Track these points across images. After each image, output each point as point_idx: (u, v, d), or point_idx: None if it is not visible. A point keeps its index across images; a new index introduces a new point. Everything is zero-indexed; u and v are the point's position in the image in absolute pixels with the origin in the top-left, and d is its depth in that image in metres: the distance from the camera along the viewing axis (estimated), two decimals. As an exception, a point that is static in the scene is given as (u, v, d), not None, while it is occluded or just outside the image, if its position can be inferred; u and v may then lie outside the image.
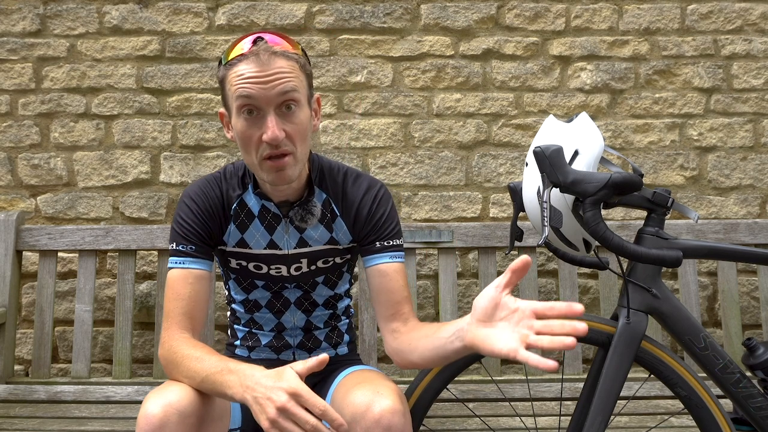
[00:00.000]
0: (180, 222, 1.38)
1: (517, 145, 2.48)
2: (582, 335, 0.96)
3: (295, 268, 1.46)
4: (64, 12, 2.48)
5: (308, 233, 1.44)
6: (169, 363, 1.27)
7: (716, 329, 2.44)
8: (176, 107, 2.47)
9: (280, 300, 1.49)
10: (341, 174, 1.45)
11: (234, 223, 1.43)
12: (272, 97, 1.25)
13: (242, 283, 1.49)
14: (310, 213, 1.41)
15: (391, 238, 1.42)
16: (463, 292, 2.47)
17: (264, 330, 1.51)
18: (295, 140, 1.29)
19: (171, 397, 1.16)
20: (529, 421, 1.87)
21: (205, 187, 1.42)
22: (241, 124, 1.28)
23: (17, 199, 2.47)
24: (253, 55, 1.26)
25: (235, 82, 1.26)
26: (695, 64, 2.50)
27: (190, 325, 1.33)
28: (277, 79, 1.25)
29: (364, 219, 1.42)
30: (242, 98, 1.25)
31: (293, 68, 1.28)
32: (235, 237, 1.43)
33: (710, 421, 1.31)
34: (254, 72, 1.25)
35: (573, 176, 1.20)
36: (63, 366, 2.44)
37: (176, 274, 1.36)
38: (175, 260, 1.37)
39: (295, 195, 1.41)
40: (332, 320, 1.54)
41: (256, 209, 1.43)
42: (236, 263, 1.46)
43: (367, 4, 2.49)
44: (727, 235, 2.17)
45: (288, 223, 1.43)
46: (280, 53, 1.27)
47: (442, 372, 1.37)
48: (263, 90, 1.24)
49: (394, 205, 1.46)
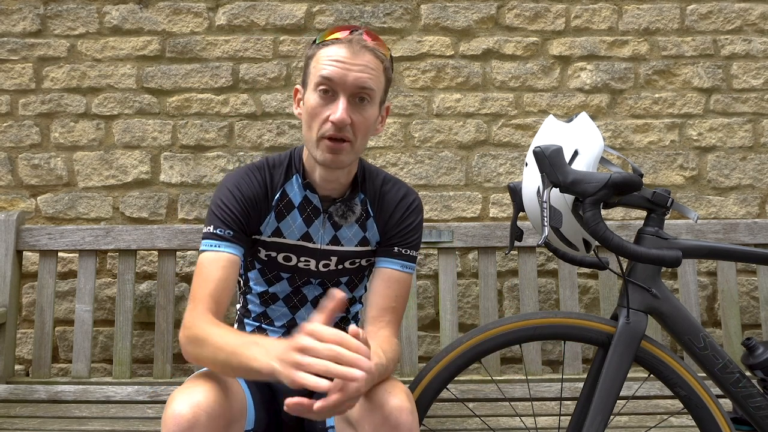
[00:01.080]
0: (221, 206, 1.39)
1: (517, 145, 2.48)
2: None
3: (324, 265, 1.48)
4: (64, 12, 2.48)
5: (343, 232, 1.46)
6: (194, 341, 1.25)
7: (716, 329, 2.45)
8: (176, 107, 2.47)
9: (299, 296, 1.50)
10: (380, 178, 1.50)
11: (274, 213, 1.44)
12: (350, 84, 1.30)
13: (267, 274, 1.50)
14: (351, 210, 1.45)
15: (410, 248, 1.46)
16: (463, 292, 2.47)
17: (275, 326, 1.52)
18: (357, 131, 1.34)
19: (199, 398, 1.16)
20: (529, 421, 1.87)
21: (249, 175, 1.44)
22: (314, 99, 1.33)
23: (17, 199, 2.47)
24: (347, 41, 1.32)
25: (322, 61, 1.32)
26: (695, 64, 2.50)
27: (215, 308, 1.32)
28: (360, 69, 1.31)
29: (394, 223, 1.47)
30: (323, 76, 1.31)
31: (377, 67, 1.34)
32: (272, 226, 1.45)
33: (710, 420, 1.31)
34: (342, 56, 1.31)
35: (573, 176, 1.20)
36: (63, 366, 2.44)
37: (209, 256, 1.36)
38: (210, 243, 1.37)
39: (338, 191, 1.45)
40: (342, 323, 1.55)
41: (298, 200, 1.45)
42: (266, 254, 1.47)
43: (367, 4, 2.49)
44: (726, 235, 2.17)
45: (326, 218, 1.45)
46: (371, 48, 1.33)
47: (442, 372, 1.37)
48: (345, 75, 1.30)
49: (423, 218, 1.51)
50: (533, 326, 1.36)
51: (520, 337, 1.37)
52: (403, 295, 1.44)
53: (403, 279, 1.44)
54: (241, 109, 2.48)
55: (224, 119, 2.48)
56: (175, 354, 2.23)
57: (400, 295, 1.43)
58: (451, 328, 2.14)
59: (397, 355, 1.35)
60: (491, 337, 1.37)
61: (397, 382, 1.28)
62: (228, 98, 2.48)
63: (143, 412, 1.97)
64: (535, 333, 1.36)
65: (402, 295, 1.43)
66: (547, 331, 1.36)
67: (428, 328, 2.47)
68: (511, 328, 1.37)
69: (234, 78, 2.48)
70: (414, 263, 1.47)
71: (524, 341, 1.37)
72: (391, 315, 1.41)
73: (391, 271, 1.44)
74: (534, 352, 2.13)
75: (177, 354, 2.28)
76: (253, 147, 2.47)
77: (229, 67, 2.48)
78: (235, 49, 2.48)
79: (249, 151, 2.47)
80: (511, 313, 2.46)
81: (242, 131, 2.48)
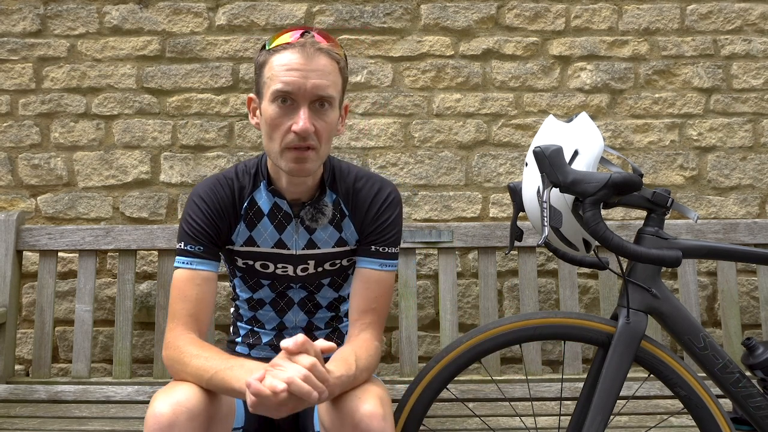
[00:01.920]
0: (189, 221, 1.38)
1: (517, 145, 2.48)
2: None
3: (302, 269, 1.46)
4: (64, 12, 2.48)
5: (318, 235, 1.44)
6: (176, 363, 1.27)
7: (716, 329, 2.45)
8: (176, 107, 2.47)
9: (284, 299, 1.49)
10: (352, 175, 1.46)
11: (243, 222, 1.42)
12: (309, 91, 1.27)
13: (248, 281, 1.49)
14: (321, 213, 1.42)
15: (388, 245, 1.43)
16: (463, 292, 2.47)
17: (266, 329, 1.51)
18: (321, 137, 1.31)
19: (179, 397, 1.16)
20: (529, 420, 1.87)
21: (215, 185, 1.41)
22: (272, 110, 1.29)
23: (17, 199, 2.47)
24: (300, 46, 1.28)
25: (276, 70, 1.28)
26: (695, 64, 2.50)
27: (195, 327, 1.33)
28: (318, 76, 1.27)
29: (371, 219, 1.43)
30: (280, 86, 1.27)
31: (334, 69, 1.31)
32: (243, 236, 1.43)
33: (710, 420, 1.31)
34: (297, 63, 1.27)
35: (573, 176, 1.20)
36: (63, 366, 2.44)
37: (183, 274, 1.36)
38: (183, 260, 1.37)
39: (307, 194, 1.42)
40: (334, 321, 1.54)
41: (267, 207, 1.42)
42: (243, 262, 1.46)
43: (367, 4, 2.49)
44: (726, 235, 2.17)
45: (299, 223, 1.43)
46: (325, 50, 1.29)
47: (442, 372, 1.37)
48: (302, 83, 1.26)
49: (401, 211, 1.46)
50: (533, 326, 1.36)
51: (520, 337, 1.37)
52: (384, 295, 1.41)
53: (383, 278, 1.41)
54: (241, 109, 2.48)
55: (224, 119, 2.48)
56: (175, 354, 2.23)
57: (381, 295, 1.41)
58: (451, 328, 2.14)
59: (374, 360, 1.33)
60: (491, 337, 1.37)
61: (371, 387, 1.26)
62: (228, 98, 2.48)
63: (143, 412, 1.96)
64: (535, 333, 1.36)
65: (383, 295, 1.41)
66: (547, 331, 1.36)
67: (428, 328, 2.47)
68: (511, 328, 1.37)
69: (234, 78, 2.48)
70: (395, 260, 1.43)
71: (524, 341, 1.37)
72: (372, 316, 1.39)
73: (370, 271, 1.41)
74: (534, 352, 2.13)
75: (177, 354, 2.28)
76: (253, 147, 2.47)
77: (229, 67, 2.48)
78: (235, 49, 2.48)
79: (249, 151, 2.47)
80: (511, 313, 2.46)
81: (242, 131, 2.48)
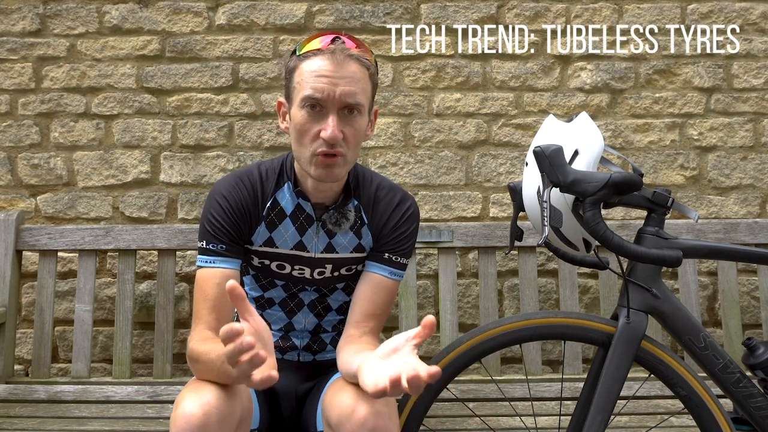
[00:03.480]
0: (211, 220, 1.37)
1: (517, 144, 2.48)
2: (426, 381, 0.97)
3: (318, 272, 1.46)
4: (64, 12, 2.48)
5: (337, 239, 1.44)
6: (193, 361, 1.28)
7: (716, 329, 2.44)
8: (176, 107, 2.47)
9: (294, 300, 1.49)
10: (374, 184, 1.46)
11: (264, 222, 1.42)
12: (338, 99, 1.27)
13: (261, 280, 1.49)
14: (345, 217, 1.42)
15: (401, 255, 1.44)
16: (463, 291, 2.46)
17: (272, 329, 1.51)
18: (349, 143, 1.31)
19: (209, 397, 1.16)
20: (529, 420, 1.87)
21: (237, 184, 1.40)
22: (301, 116, 1.29)
23: (17, 199, 2.47)
24: (330, 53, 1.27)
25: (305, 76, 1.28)
26: (695, 63, 2.49)
27: (216, 325, 1.32)
28: (347, 83, 1.27)
29: (389, 230, 1.43)
30: (310, 93, 1.26)
31: (364, 76, 1.30)
32: (263, 236, 1.42)
33: (710, 420, 1.31)
34: (327, 70, 1.26)
35: (573, 176, 1.20)
36: (63, 366, 2.44)
37: (205, 273, 1.35)
38: (205, 259, 1.36)
39: (331, 198, 1.42)
40: (341, 325, 1.54)
41: (290, 208, 1.42)
42: (258, 262, 1.46)
43: (367, 4, 2.49)
44: (727, 234, 2.17)
45: (320, 226, 1.43)
46: (355, 57, 1.29)
47: (442, 372, 1.37)
48: (332, 90, 1.26)
49: (418, 225, 1.47)
50: (533, 326, 1.36)
51: (520, 337, 1.37)
52: (388, 303, 1.42)
53: (390, 286, 1.42)
54: (241, 108, 2.48)
55: (224, 119, 2.48)
56: (175, 354, 2.23)
57: (386, 302, 1.42)
58: (451, 328, 2.14)
59: None
60: (491, 337, 1.37)
61: None
62: (228, 98, 2.47)
63: (143, 412, 1.97)
64: (536, 333, 1.36)
65: (387, 303, 1.42)
66: (547, 331, 1.36)
67: (428, 328, 2.46)
68: (511, 328, 1.37)
69: (234, 78, 2.48)
70: (403, 270, 1.44)
71: (524, 341, 1.37)
72: (374, 322, 1.40)
73: (380, 277, 1.41)
74: (534, 352, 2.13)
75: (177, 354, 2.28)
76: (253, 147, 2.47)
77: (229, 67, 2.48)
78: (235, 49, 2.48)
79: (249, 150, 2.47)
80: (511, 313, 2.46)
81: (242, 131, 2.47)
